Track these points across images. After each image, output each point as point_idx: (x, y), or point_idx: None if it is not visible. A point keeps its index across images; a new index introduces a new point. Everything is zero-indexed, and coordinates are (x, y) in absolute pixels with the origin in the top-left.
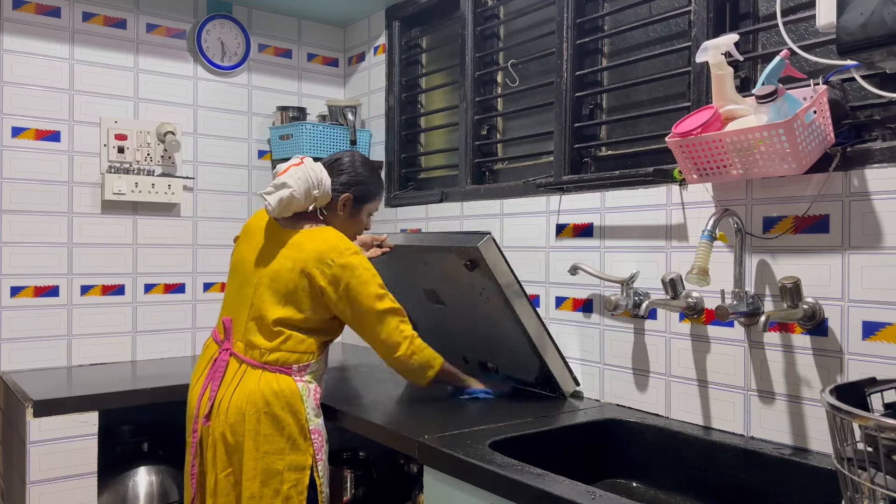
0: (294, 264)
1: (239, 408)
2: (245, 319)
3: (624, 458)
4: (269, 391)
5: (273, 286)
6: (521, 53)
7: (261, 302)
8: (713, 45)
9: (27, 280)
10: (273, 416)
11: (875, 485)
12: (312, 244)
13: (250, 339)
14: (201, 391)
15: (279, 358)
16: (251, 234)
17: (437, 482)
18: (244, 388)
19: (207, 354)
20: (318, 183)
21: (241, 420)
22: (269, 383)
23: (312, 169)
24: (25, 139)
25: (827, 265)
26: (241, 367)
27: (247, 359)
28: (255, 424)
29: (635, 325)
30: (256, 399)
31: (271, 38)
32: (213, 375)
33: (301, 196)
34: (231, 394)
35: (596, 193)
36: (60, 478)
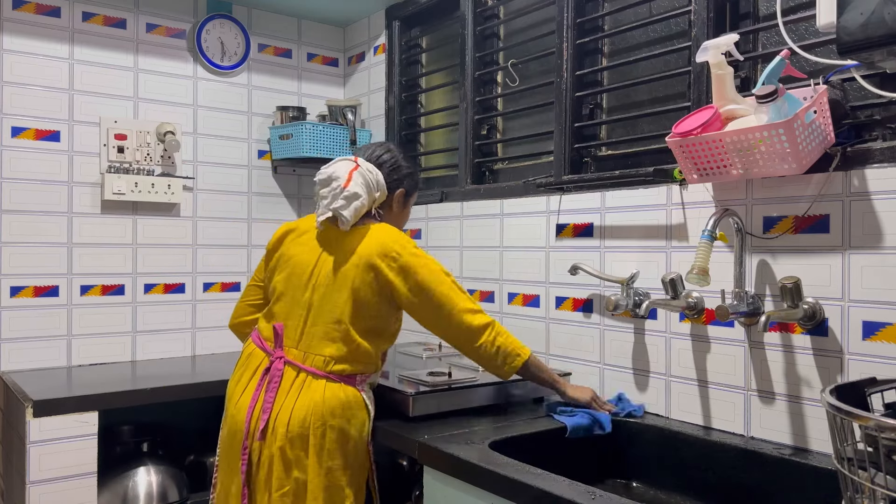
0: (358, 260)
1: (302, 420)
2: (301, 325)
3: (624, 457)
4: (336, 403)
5: (337, 287)
6: (521, 53)
7: (323, 306)
8: (713, 45)
9: (27, 280)
10: (339, 430)
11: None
12: (373, 240)
13: (311, 345)
14: (251, 404)
15: (345, 368)
16: (301, 238)
17: (437, 482)
18: (307, 400)
19: (253, 363)
20: (378, 185)
21: (304, 433)
22: (335, 394)
23: (370, 171)
24: (25, 139)
25: (827, 265)
26: (299, 376)
27: (307, 367)
28: (320, 439)
29: (635, 325)
30: (323, 411)
31: (271, 38)
32: (268, 387)
33: (367, 202)
34: (291, 406)
35: (596, 193)
36: (60, 478)
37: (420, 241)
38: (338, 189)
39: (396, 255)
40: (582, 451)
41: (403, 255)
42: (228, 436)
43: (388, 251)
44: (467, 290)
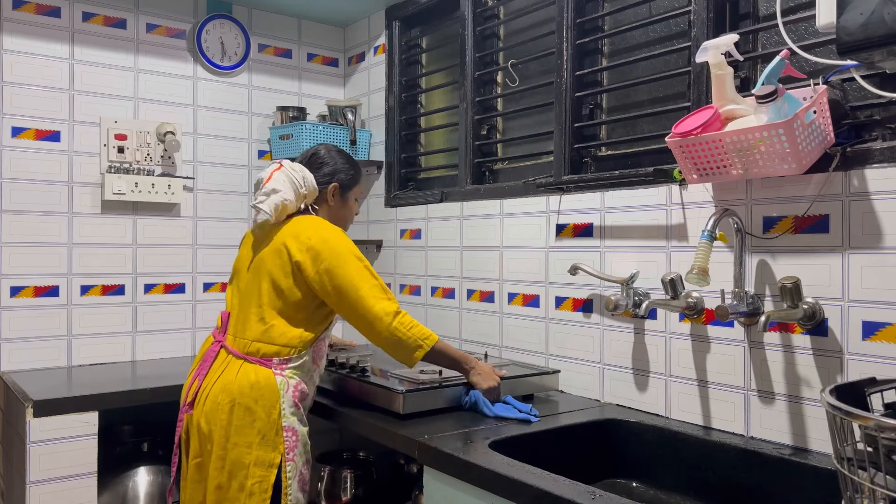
0: (273, 246)
1: (215, 397)
2: (236, 312)
3: (624, 458)
4: (246, 382)
5: (259, 272)
6: (521, 53)
7: (249, 291)
8: (713, 45)
9: (27, 280)
10: (246, 408)
11: (875, 485)
12: (291, 227)
13: (239, 330)
14: (190, 382)
15: (260, 349)
16: (247, 240)
17: (437, 482)
18: (224, 378)
19: (203, 348)
20: (304, 181)
21: (215, 409)
22: (246, 374)
23: (293, 169)
24: (25, 139)
25: (827, 265)
26: (226, 358)
27: (232, 350)
28: (228, 414)
29: (635, 325)
30: (232, 389)
31: (271, 38)
32: (203, 366)
33: (292, 197)
34: (212, 383)
35: (596, 193)
36: (60, 478)
37: (420, 240)
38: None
39: (307, 238)
40: (582, 451)
41: (313, 238)
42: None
43: (299, 234)
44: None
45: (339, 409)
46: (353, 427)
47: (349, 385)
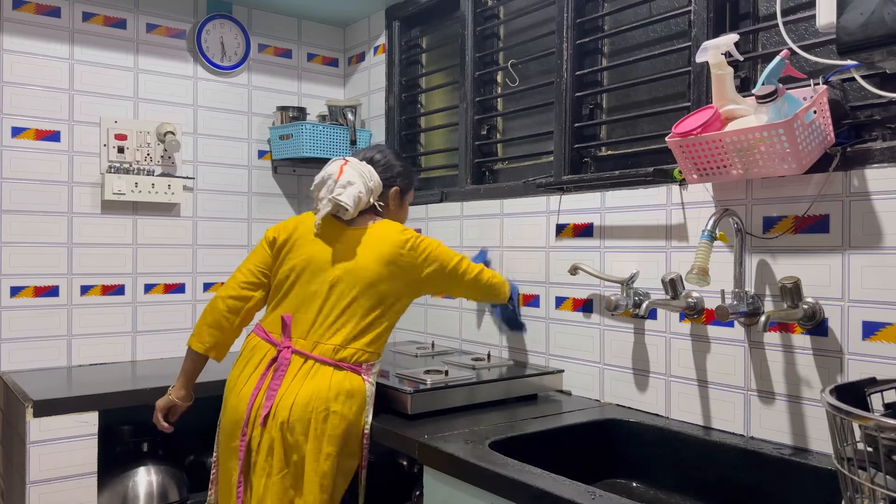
0: (378, 256)
1: (305, 405)
2: (312, 317)
3: (624, 458)
4: (341, 390)
5: (355, 279)
6: (521, 53)
7: (339, 297)
8: (713, 45)
9: (27, 280)
10: (341, 417)
11: (875, 485)
12: (385, 234)
13: (321, 335)
14: (254, 392)
15: (353, 355)
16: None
17: (437, 482)
18: (313, 386)
19: (258, 355)
20: (371, 177)
21: (306, 417)
22: (340, 382)
23: (360, 165)
24: (25, 139)
25: (827, 265)
26: (306, 364)
27: (315, 355)
28: (321, 424)
29: (635, 325)
30: (328, 397)
31: (271, 38)
32: (274, 375)
33: (365, 192)
34: (296, 391)
35: (596, 193)
36: (60, 478)
37: None
38: (332, 183)
39: (413, 245)
40: (582, 451)
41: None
42: (229, 425)
43: (403, 242)
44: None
45: None
46: None
47: None
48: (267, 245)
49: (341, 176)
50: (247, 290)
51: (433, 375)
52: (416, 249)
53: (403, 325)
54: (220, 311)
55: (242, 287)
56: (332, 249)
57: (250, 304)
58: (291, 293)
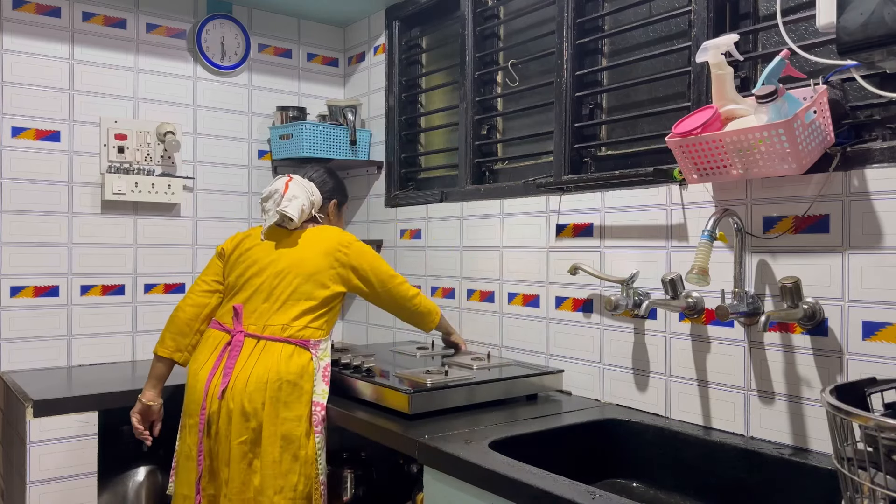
0: (319, 250)
1: (259, 377)
2: (260, 304)
3: (624, 458)
4: (292, 361)
5: (298, 269)
6: (521, 53)
7: (286, 284)
8: (713, 45)
9: (27, 280)
10: (293, 384)
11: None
12: (328, 235)
13: (269, 318)
14: (211, 371)
15: (299, 332)
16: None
17: (437, 482)
18: (266, 360)
19: (212, 343)
20: (312, 191)
21: (261, 388)
22: (290, 354)
23: (303, 181)
24: (25, 139)
25: (827, 265)
26: (259, 343)
27: (266, 335)
28: (276, 392)
29: (635, 325)
30: (280, 368)
31: (271, 38)
32: (229, 356)
33: (308, 204)
34: (252, 367)
35: (596, 193)
36: (60, 478)
37: (420, 240)
38: (278, 197)
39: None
40: (582, 451)
41: (353, 246)
42: (189, 405)
43: (342, 242)
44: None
45: (341, 409)
46: (353, 427)
47: (353, 385)
48: (217, 258)
49: (287, 191)
50: (203, 297)
51: (433, 375)
52: (350, 248)
53: (404, 325)
54: (181, 319)
55: (199, 294)
56: (278, 249)
57: (208, 309)
58: (241, 289)
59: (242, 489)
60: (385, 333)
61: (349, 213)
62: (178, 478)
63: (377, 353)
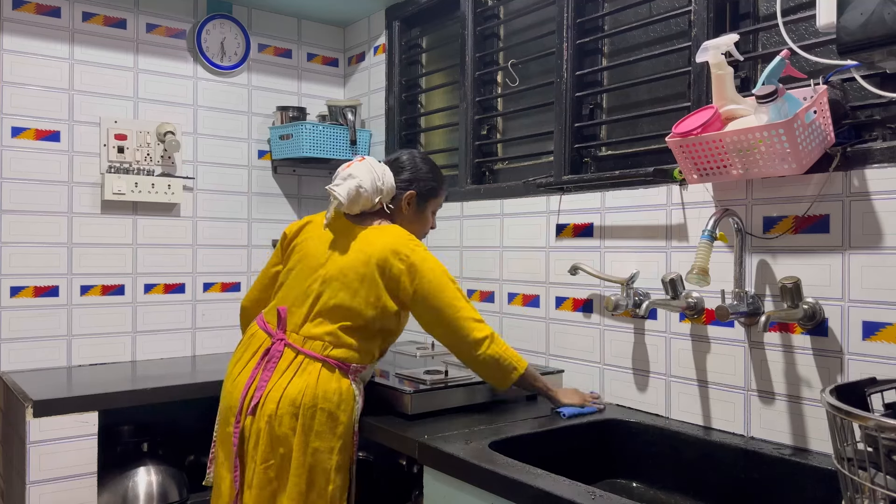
0: (367, 258)
1: (293, 399)
2: (305, 312)
3: (624, 458)
4: (329, 388)
5: (344, 279)
6: (521, 53)
7: (330, 295)
8: (713, 45)
9: (27, 280)
10: (329, 413)
11: (875, 485)
12: (384, 238)
13: (312, 331)
14: (248, 381)
15: (341, 355)
16: (316, 230)
17: (437, 482)
18: (301, 381)
19: (255, 344)
20: (382, 175)
21: (293, 412)
22: (328, 379)
23: (376, 165)
24: (25, 139)
25: (827, 265)
26: (297, 358)
27: (306, 350)
28: (309, 419)
29: (635, 325)
30: (315, 392)
31: (271, 38)
32: (266, 366)
33: (368, 188)
34: (286, 384)
35: (596, 193)
36: (60, 478)
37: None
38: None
39: (405, 256)
40: (582, 451)
41: (412, 256)
42: (224, 409)
43: (397, 250)
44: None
45: None
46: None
47: None
48: (282, 240)
49: (347, 168)
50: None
51: (433, 375)
52: (407, 260)
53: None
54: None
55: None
56: (332, 246)
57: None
58: (289, 286)
59: None
60: None
61: None
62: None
63: None
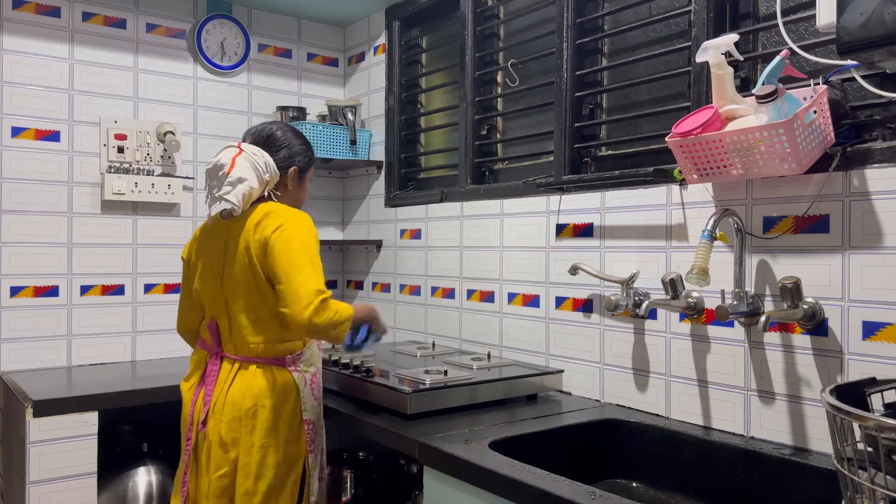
0: (242, 241)
1: (235, 404)
2: (227, 319)
3: (624, 458)
4: (267, 385)
5: (237, 274)
6: (521, 53)
7: (235, 297)
8: (713, 45)
9: (27, 280)
10: (271, 409)
11: (875, 485)
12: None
13: (239, 336)
14: (193, 398)
15: (269, 350)
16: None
17: (437, 482)
18: (240, 384)
19: (195, 361)
20: (267, 166)
21: (237, 416)
22: (266, 377)
23: (255, 154)
24: (25, 139)
25: (827, 265)
26: (234, 366)
27: (239, 357)
28: (252, 419)
29: (635, 325)
30: (255, 393)
31: (271, 38)
32: (206, 381)
33: (256, 185)
34: (226, 392)
35: (596, 193)
36: (60, 478)
37: (420, 240)
38: (223, 176)
39: (266, 225)
40: (582, 451)
41: (271, 224)
42: (181, 422)
43: (258, 221)
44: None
45: (340, 409)
46: (352, 427)
47: (353, 385)
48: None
49: (232, 170)
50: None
51: (432, 375)
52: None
53: (403, 325)
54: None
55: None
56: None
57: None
58: (207, 301)
59: None
60: None
61: (349, 212)
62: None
63: (377, 353)
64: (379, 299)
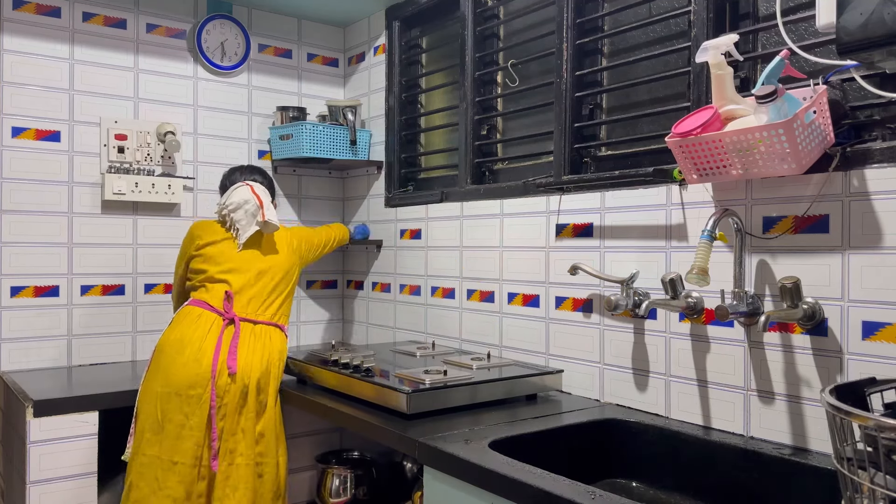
0: (289, 248)
1: (269, 357)
2: (250, 295)
3: (624, 458)
4: (282, 344)
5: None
6: (521, 53)
7: (268, 282)
8: (713, 45)
9: (27, 280)
10: (278, 367)
11: (875, 485)
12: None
13: (256, 308)
14: (215, 355)
15: (281, 319)
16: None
17: (436, 482)
18: (269, 342)
19: (205, 324)
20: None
21: (270, 366)
22: (281, 338)
23: (259, 190)
24: (25, 139)
25: (827, 265)
26: (256, 328)
27: (261, 320)
28: (278, 370)
29: (635, 325)
30: (282, 348)
31: (271, 38)
32: (233, 340)
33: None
34: (258, 348)
35: (596, 193)
36: (60, 478)
37: (420, 240)
38: (254, 208)
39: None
40: (582, 450)
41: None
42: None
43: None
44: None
45: (340, 409)
46: (352, 427)
47: (352, 385)
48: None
49: (263, 203)
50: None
51: (432, 375)
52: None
53: (403, 325)
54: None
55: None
56: (259, 250)
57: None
58: (226, 282)
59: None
60: (385, 333)
61: (350, 212)
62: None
63: (377, 353)
64: (379, 299)
